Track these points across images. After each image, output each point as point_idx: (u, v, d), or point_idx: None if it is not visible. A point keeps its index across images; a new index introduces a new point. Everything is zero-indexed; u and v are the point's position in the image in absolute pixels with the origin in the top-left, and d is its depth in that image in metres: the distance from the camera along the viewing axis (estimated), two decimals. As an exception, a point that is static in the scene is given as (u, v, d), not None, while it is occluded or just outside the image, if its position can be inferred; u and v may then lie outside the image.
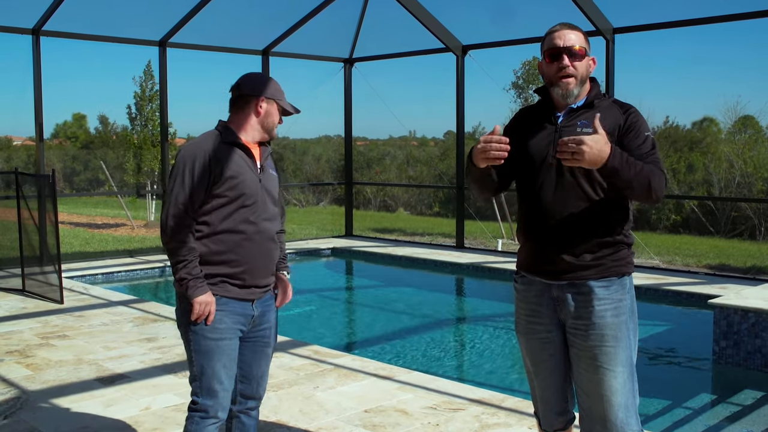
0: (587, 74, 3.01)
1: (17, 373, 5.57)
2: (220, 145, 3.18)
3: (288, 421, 4.60)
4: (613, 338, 2.94)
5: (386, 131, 41.51)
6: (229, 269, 3.18)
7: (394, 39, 13.21)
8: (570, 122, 2.96)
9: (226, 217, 3.16)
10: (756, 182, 20.27)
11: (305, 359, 5.94)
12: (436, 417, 4.64)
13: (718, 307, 6.46)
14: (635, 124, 2.93)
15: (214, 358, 3.17)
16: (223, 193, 3.15)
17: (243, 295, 3.23)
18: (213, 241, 3.16)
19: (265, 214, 3.26)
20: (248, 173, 3.21)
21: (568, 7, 9.50)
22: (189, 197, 3.11)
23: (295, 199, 27.82)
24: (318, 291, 10.39)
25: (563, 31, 2.99)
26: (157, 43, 11.35)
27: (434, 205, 26.62)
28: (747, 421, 5.27)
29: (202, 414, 3.20)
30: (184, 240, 3.10)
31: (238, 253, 3.18)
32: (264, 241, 3.25)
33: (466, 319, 9.07)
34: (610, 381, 2.94)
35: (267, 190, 3.29)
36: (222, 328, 3.18)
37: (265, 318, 3.36)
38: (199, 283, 3.11)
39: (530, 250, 3.08)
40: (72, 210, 24.20)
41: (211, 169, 3.12)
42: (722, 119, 24.98)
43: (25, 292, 8.46)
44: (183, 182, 3.11)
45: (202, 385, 3.19)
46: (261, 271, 3.27)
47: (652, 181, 2.79)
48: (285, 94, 3.35)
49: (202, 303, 3.11)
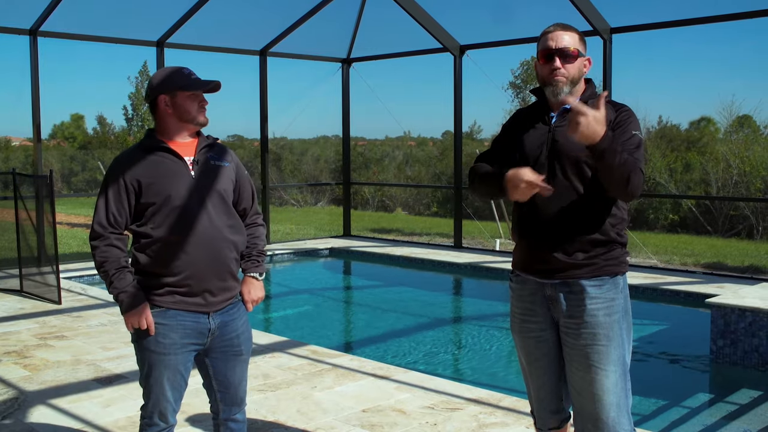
0: (580, 75, 3.01)
1: (15, 373, 5.57)
2: (137, 154, 3.08)
3: (286, 421, 4.60)
4: (605, 337, 2.95)
5: (384, 131, 41.57)
6: (172, 278, 3.05)
7: (392, 39, 13.23)
8: (563, 122, 2.96)
9: (158, 223, 3.03)
10: (753, 181, 20.29)
11: (303, 359, 5.94)
12: (433, 416, 4.64)
13: (716, 306, 6.47)
14: (625, 121, 2.94)
15: (157, 370, 3.10)
16: (149, 201, 3.03)
17: (194, 307, 3.08)
18: (152, 250, 3.04)
19: (203, 214, 3.07)
20: (172, 175, 3.05)
21: (565, 6, 9.51)
22: (104, 212, 3.04)
23: (293, 199, 27.81)
24: (316, 291, 10.40)
25: (557, 32, 2.99)
26: (154, 44, 11.34)
27: (432, 205, 26.62)
28: (744, 420, 5.29)
29: (146, 421, 3.19)
30: (105, 255, 3.03)
31: (179, 257, 3.03)
32: (206, 242, 3.06)
33: (464, 319, 9.08)
34: (601, 380, 2.95)
35: (206, 185, 3.10)
36: (166, 342, 3.07)
37: (229, 328, 3.19)
38: (128, 297, 3.01)
39: (524, 249, 3.09)
40: (70, 210, 24.19)
41: (126, 182, 3.03)
42: (719, 119, 25.03)
43: (22, 292, 8.45)
44: (99, 199, 3.07)
45: (147, 393, 3.16)
46: (208, 274, 3.08)
47: (631, 175, 2.77)
48: (191, 73, 3.12)
49: (132, 319, 3.03)
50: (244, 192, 3.27)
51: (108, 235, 3.05)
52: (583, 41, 3.03)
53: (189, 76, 3.11)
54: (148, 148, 3.10)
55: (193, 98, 3.09)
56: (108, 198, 3.05)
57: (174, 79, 3.09)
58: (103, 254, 3.04)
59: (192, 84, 3.09)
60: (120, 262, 3.04)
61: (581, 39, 3.02)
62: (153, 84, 3.10)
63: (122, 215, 3.06)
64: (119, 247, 3.06)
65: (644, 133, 16.39)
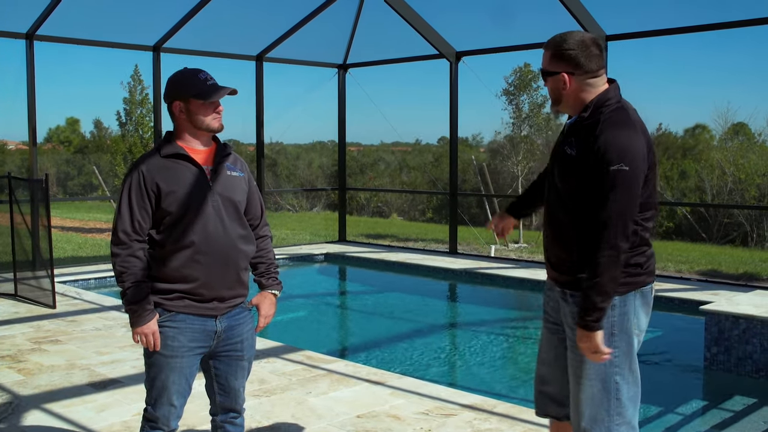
0: (558, 93, 2.96)
1: (9, 378, 5.55)
2: (157, 160, 3.06)
3: (280, 426, 4.59)
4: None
5: (380, 137, 41.59)
6: (185, 285, 3.06)
7: (388, 45, 13.24)
8: (566, 138, 3.01)
9: (175, 232, 3.03)
10: (748, 189, 20.36)
11: (298, 364, 5.94)
12: (428, 422, 4.65)
13: (710, 313, 6.49)
14: (600, 160, 2.79)
15: (163, 374, 3.10)
16: (168, 209, 3.02)
17: (203, 311, 3.10)
18: (167, 258, 3.04)
19: (219, 223, 3.08)
20: (191, 184, 3.05)
21: (561, 14, 9.55)
22: (128, 220, 3.02)
23: (289, 204, 27.81)
24: (311, 296, 10.39)
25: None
26: (151, 48, 11.35)
27: (427, 211, 26.67)
28: (738, 427, 5.29)
29: (151, 424, 3.18)
30: (125, 266, 3.01)
31: (193, 267, 3.04)
32: (221, 252, 3.08)
33: (459, 325, 9.08)
34: (577, 391, 3.00)
35: (222, 194, 3.10)
36: (175, 345, 3.08)
37: (234, 332, 3.21)
38: (140, 311, 3.00)
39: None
40: (65, 214, 24.14)
41: (147, 188, 3.01)
42: (714, 126, 25.13)
43: (17, 296, 8.43)
44: (120, 206, 3.03)
45: (152, 396, 3.15)
46: (220, 283, 3.11)
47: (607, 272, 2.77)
48: (207, 78, 3.07)
49: (140, 333, 3.03)
50: (253, 202, 3.28)
51: (132, 244, 3.02)
52: (560, 55, 2.92)
53: (205, 82, 3.06)
54: (168, 154, 3.08)
55: (208, 105, 3.07)
56: (132, 204, 3.02)
57: (188, 85, 3.06)
58: (124, 264, 3.01)
59: (206, 92, 3.05)
60: (138, 276, 3.02)
61: (555, 54, 2.93)
62: (168, 88, 3.10)
63: (146, 222, 3.04)
64: (141, 258, 3.03)
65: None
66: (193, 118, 3.07)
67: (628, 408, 2.97)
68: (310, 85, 15.79)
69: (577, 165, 2.87)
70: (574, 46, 2.90)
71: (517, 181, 20.40)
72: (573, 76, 2.91)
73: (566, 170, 2.93)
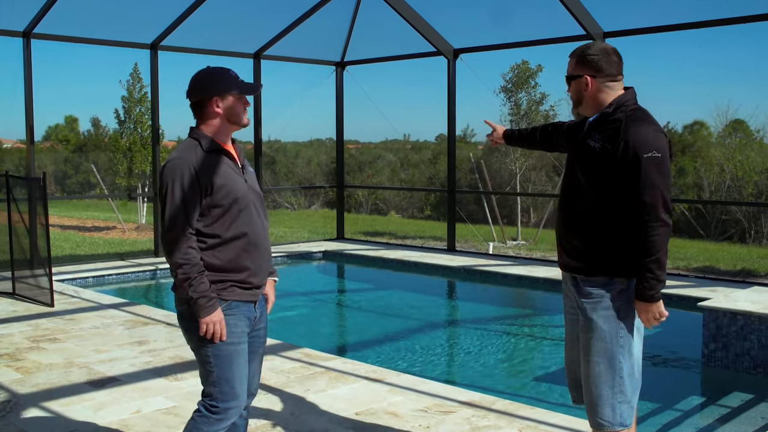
0: (580, 95, 3.30)
1: (7, 376, 5.55)
2: (203, 155, 3.13)
3: (279, 423, 4.60)
4: (588, 329, 3.22)
5: (378, 134, 41.60)
6: (239, 275, 3.18)
7: (386, 42, 13.23)
8: (589, 132, 3.27)
9: (227, 224, 3.13)
10: (746, 186, 20.38)
11: (296, 362, 5.94)
12: (426, 419, 4.65)
13: (708, 309, 6.50)
14: (635, 156, 3.09)
15: (234, 363, 3.18)
16: (219, 203, 3.11)
17: (248, 297, 3.24)
18: (220, 250, 3.13)
19: (257, 214, 3.24)
20: (235, 177, 3.18)
21: (559, 11, 9.53)
22: (184, 213, 3.06)
23: (287, 202, 27.80)
24: (309, 294, 10.40)
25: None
26: (148, 46, 11.33)
27: (425, 209, 26.68)
28: (736, 423, 5.31)
29: (220, 416, 3.17)
30: (187, 257, 3.05)
31: (244, 258, 3.18)
32: (260, 242, 3.24)
33: (457, 322, 9.09)
34: (587, 369, 3.25)
35: (253, 189, 3.27)
36: (237, 332, 3.19)
37: (261, 318, 3.38)
38: (207, 302, 3.06)
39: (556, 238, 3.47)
40: (63, 213, 24.14)
41: (200, 181, 3.07)
42: (713, 123, 25.13)
43: (15, 295, 8.43)
44: (174, 199, 3.05)
45: (223, 390, 3.17)
46: (263, 271, 3.29)
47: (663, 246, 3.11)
48: (237, 76, 3.24)
49: (209, 323, 3.08)
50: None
51: (189, 236, 3.08)
52: (583, 60, 3.27)
53: (237, 78, 3.20)
54: (211, 149, 3.16)
55: (241, 100, 3.21)
56: (186, 197, 3.06)
57: (226, 81, 3.18)
58: (185, 256, 3.06)
59: (248, 87, 3.21)
60: (200, 267, 3.08)
61: (579, 61, 3.28)
62: (201, 85, 3.18)
63: (196, 214, 3.11)
64: (198, 249, 3.11)
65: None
66: (231, 112, 3.19)
67: (628, 387, 3.22)
68: (308, 83, 15.82)
69: (600, 157, 3.15)
70: (596, 52, 3.25)
71: (516, 179, 20.40)
72: (595, 78, 3.25)
73: (589, 162, 3.21)
